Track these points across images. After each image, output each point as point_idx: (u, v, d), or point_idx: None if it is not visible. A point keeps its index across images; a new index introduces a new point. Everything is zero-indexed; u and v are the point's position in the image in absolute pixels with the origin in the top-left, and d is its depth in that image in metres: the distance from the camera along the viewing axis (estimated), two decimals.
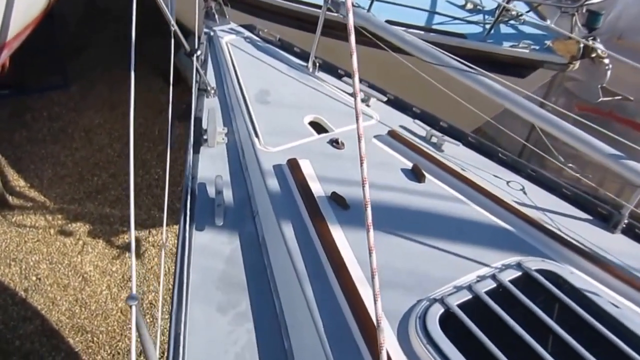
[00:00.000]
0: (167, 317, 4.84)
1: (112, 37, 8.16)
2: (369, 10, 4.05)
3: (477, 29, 3.89)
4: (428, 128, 2.81)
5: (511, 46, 3.72)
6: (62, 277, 4.97)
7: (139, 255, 5.25)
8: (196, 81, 2.84)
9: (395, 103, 3.01)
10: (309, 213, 2.08)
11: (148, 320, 4.73)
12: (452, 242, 2.03)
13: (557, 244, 2.05)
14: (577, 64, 3.63)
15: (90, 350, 4.48)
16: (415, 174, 2.38)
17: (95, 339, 4.54)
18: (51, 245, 5.25)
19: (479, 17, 4.07)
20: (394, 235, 2.00)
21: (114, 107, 7.02)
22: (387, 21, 3.99)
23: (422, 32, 3.90)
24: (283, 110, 2.77)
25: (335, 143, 2.54)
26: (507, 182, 2.55)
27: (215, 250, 2.09)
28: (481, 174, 2.54)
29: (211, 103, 2.89)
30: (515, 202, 2.32)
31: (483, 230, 2.13)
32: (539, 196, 2.49)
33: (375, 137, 2.65)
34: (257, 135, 2.55)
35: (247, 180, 2.39)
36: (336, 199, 2.17)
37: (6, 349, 4.44)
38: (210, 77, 3.07)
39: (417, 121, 2.89)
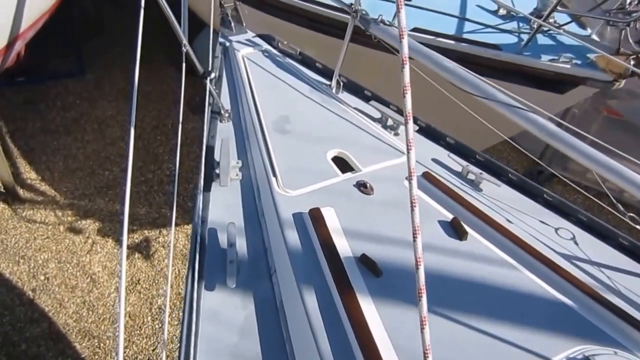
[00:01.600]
0: (176, 323, 4.57)
1: (130, 20, 7.71)
2: (393, 19, 3.61)
3: (511, 39, 3.43)
4: (464, 163, 2.41)
5: (550, 60, 3.27)
6: (70, 278, 4.69)
7: (148, 257, 4.93)
8: (209, 104, 2.45)
9: (427, 132, 2.60)
10: (334, 280, 1.72)
11: (157, 327, 4.43)
12: (500, 321, 1.66)
13: (628, 327, 1.67)
14: (623, 82, 3.18)
15: (96, 357, 4.23)
16: (456, 230, 1.99)
17: (102, 344, 4.28)
18: (60, 242, 4.97)
19: (513, 25, 3.61)
20: (430, 310, 1.63)
21: (128, 96, 6.65)
22: (415, 29, 3.57)
23: (452, 42, 3.45)
24: (304, 143, 2.39)
25: (363, 187, 2.15)
26: (556, 230, 2.17)
27: (227, 317, 1.76)
28: (527, 220, 2.15)
29: (225, 129, 2.51)
30: (572, 260, 1.94)
31: (538, 305, 1.76)
32: (593, 248, 2.11)
33: (407, 178, 2.25)
34: (274, 174, 2.17)
35: (264, 229, 2.03)
36: (366, 263, 1.80)
37: (12, 352, 4.19)
38: (225, 95, 2.68)
39: (451, 155, 2.49)
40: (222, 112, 2.57)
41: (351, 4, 2.61)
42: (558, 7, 3.13)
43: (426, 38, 3.52)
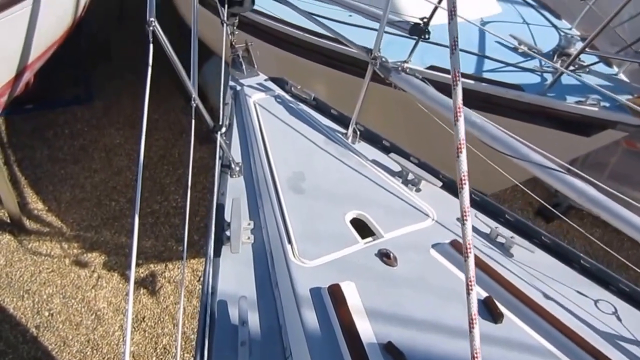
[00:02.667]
0: None
1: (139, 45, 7.57)
2: (410, 55, 3.41)
3: (534, 79, 3.21)
4: (493, 224, 2.19)
5: (576, 102, 3.05)
6: (74, 314, 4.48)
7: (153, 293, 4.71)
8: (219, 157, 2.24)
9: (452, 187, 2.38)
10: None
11: None
12: None
13: None
14: None
15: None
16: (490, 311, 1.76)
17: None
18: (65, 276, 4.77)
19: (534, 63, 3.39)
20: None
21: (135, 124, 6.51)
22: (432, 67, 3.36)
23: (471, 82, 3.24)
24: (321, 203, 2.17)
25: (385, 257, 1.93)
26: (595, 302, 1.94)
27: None
28: (564, 291, 1.93)
29: (236, 185, 2.30)
30: (616, 340, 1.71)
31: None
32: (637, 323, 1.86)
33: (433, 246, 2.03)
34: (290, 241, 1.96)
35: (278, 304, 1.80)
36: (392, 353, 1.57)
37: None
38: (235, 145, 2.47)
39: (479, 214, 2.26)
40: (233, 165, 2.37)
41: (370, 50, 2.41)
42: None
43: (444, 77, 3.31)
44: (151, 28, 1.78)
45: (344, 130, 2.67)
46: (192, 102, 2.13)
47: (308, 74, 4.16)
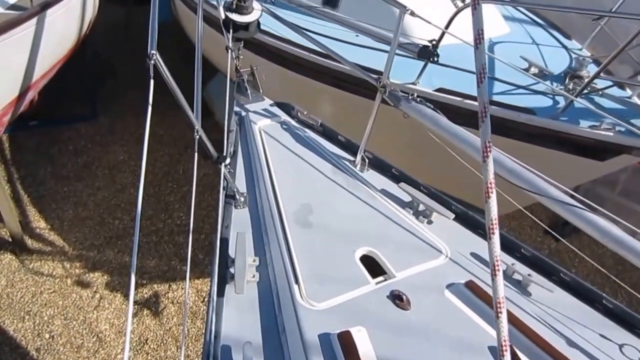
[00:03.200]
0: None
1: (144, 62, 7.50)
2: (418, 78, 3.32)
3: (545, 102, 3.11)
4: (510, 260, 2.08)
5: (590, 126, 2.95)
6: (76, 336, 4.37)
7: (157, 314, 4.59)
8: (223, 188, 2.14)
9: (464, 219, 2.27)
10: None
11: None
12: None
13: None
14: None
15: None
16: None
17: None
18: (67, 297, 4.66)
19: (546, 86, 3.29)
20: None
21: (140, 140, 6.39)
22: (441, 89, 3.27)
23: None
24: (329, 239, 2.07)
25: (398, 300, 1.81)
26: (620, 347, 1.83)
27: None
28: (587, 335, 1.82)
29: (240, 218, 2.19)
30: None
31: None
32: None
33: (448, 287, 1.91)
34: (297, 281, 1.85)
35: (285, 351, 1.69)
36: None
37: None
38: (240, 173, 2.37)
39: None
40: (238, 196, 2.27)
41: (379, 78, 2.31)
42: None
43: (452, 99, 3.22)
44: (152, 62, 1.69)
45: (352, 158, 2.57)
46: (195, 134, 2.04)
47: (313, 95, 4.08)
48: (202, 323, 4.62)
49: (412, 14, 2.19)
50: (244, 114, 2.75)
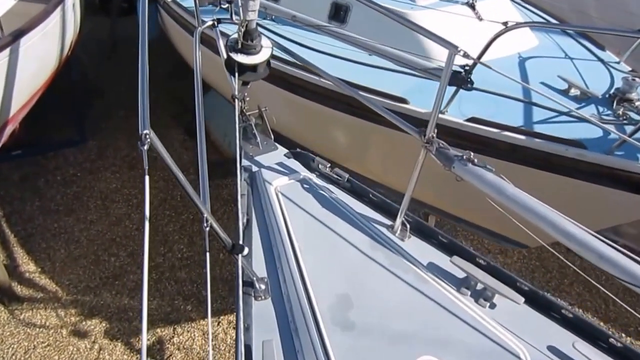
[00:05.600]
0: None
1: (132, 79, 6.98)
2: (447, 106, 2.87)
3: (594, 131, 2.65)
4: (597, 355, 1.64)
5: None
6: None
7: None
8: (240, 277, 1.70)
9: (536, 302, 1.83)
10: None
11: None
12: None
13: None
14: None
15: None
16: None
17: None
18: (63, 351, 4.21)
19: (591, 111, 2.84)
20: None
21: (133, 165, 5.94)
22: (472, 119, 2.82)
23: (522, 137, 2.69)
24: (378, 345, 1.61)
25: None
26: None
27: None
28: None
29: (263, 312, 1.74)
30: None
31: None
32: None
33: None
34: None
35: None
36: None
37: None
38: (257, 252, 1.91)
39: (578, 342, 1.71)
40: (257, 284, 1.81)
41: (422, 131, 1.86)
42: None
43: (488, 131, 2.76)
44: (145, 147, 1.25)
45: (388, 222, 2.11)
46: (204, 224, 1.59)
47: (324, 121, 3.61)
48: None
49: (466, 55, 1.73)
50: (255, 169, 2.27)
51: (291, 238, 1.96)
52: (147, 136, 1.27)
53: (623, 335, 4.28)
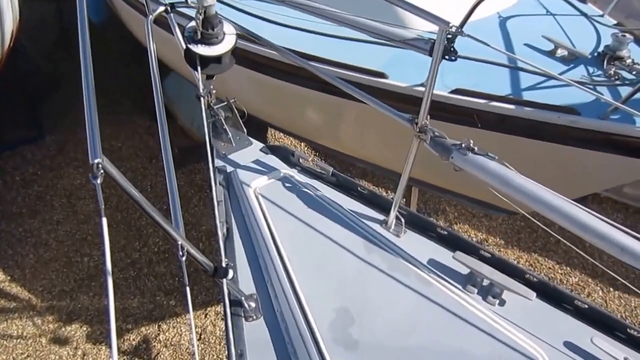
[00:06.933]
0: None
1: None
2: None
3: (586, 95, 2.48)
4: (621, 355, 1.53)
5: None
6: None
7: None
8: (230, 303, 1.53)
9: (547, 294, 1.70)
10: None
11: None
12: None
13: None
14: None
15: None
16: None
17: None
18: None
19: (581, 72, 2.67)
20: None
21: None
22: (457, 90, 2.63)
23: (512, 106, 2.51)
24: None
25: None
26: None
27: None
28: None
29: (257, 336, 1.57)
30: None
31: None
32: None
33: None
34: None
35: None
36: None
37: None
38: (242, 266, 1.72)
39: (597, 337, 1.60)
40: (246, 303, 1.63)
41: (413, 118, 1.67)
42: None
43: (475, 102, 2.58)
44: (99, 181, 1.07)
45: (380, 217, 1.94)
46: (180, 252, 1.39)
47: (297, 100, 3.38)
48: None
49: (460, 32, 1.53)
50: (229, 169, 2.05)
51: (278, 246, 1.77)
52: (100, 166, 1.06)
53: (611, 289, 4.31)
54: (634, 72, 2.54)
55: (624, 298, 4.27)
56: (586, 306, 1.68)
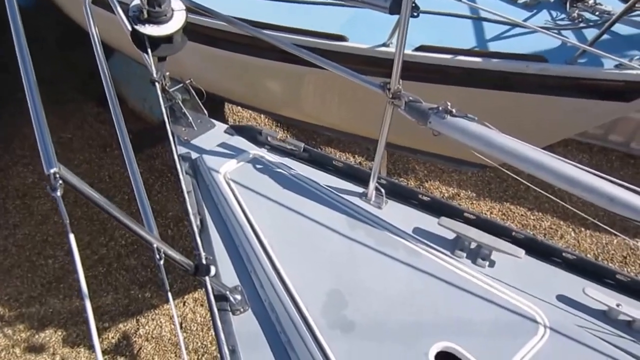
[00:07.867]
0: None
1: (33, 54, 6.06)
2: (390, 38, 2.60)
3: (552, 41, 2.45)
4: (612, 301, 1.54)
5: (617, 66, 2.36)
6: None
7: (133, 358, 3.91)
8: (214, 298, 1.46)
9: (535, 250, 1.69)
10: None
11: None
12: None
13: None
14: None
15: None
16: None
17: None
18: None
19: (545, 17, 2.63)
20: None
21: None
22: (422, 47, 2.56)
23: (478, 59, 2.46)
24: (384, 341, 1.43)
25: None
26: None
27: None
28: None
29: (247, 329, 1.50)
30: None
31: None
32: None
33: None
34: None
35: None
36: None
37: None
38: (222, 258, 1.65)
39: (588, 289, 1.60)
40: (231, 297, 1.56)
41: (386, 84, 1.60)
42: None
43: (441, 59, 2.52)
44: (59, 193, 0.97)
45: (359, 189, 1.88)
46: (157, 255, 1.31)
47: (255, 72, 3.24)
48: (189, 354, 3.99)
49: None
50: (194, 155, 1.94)
51: (257, 233, 1.69)
52: (58, 176, 0.96)
53: (582, 229, 4.45)
54: (597, 13, 2.53)
55: (595, 236, 4.42)
56: (575, 257, 1.69)
